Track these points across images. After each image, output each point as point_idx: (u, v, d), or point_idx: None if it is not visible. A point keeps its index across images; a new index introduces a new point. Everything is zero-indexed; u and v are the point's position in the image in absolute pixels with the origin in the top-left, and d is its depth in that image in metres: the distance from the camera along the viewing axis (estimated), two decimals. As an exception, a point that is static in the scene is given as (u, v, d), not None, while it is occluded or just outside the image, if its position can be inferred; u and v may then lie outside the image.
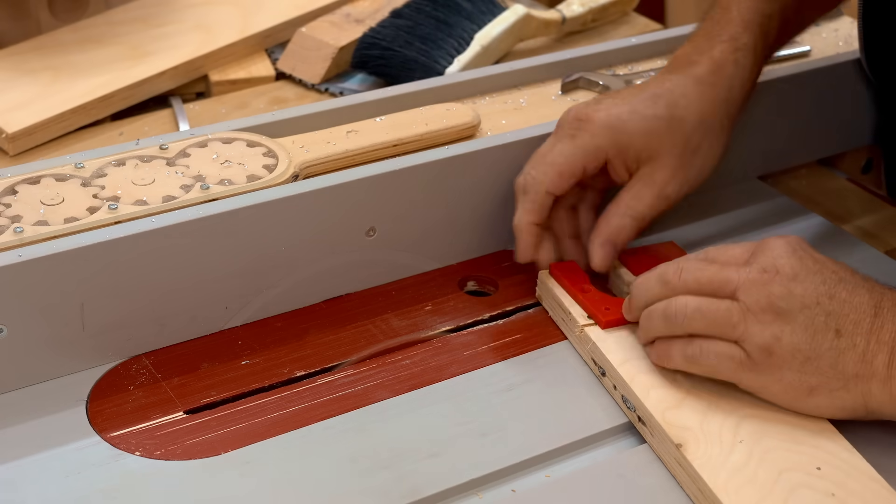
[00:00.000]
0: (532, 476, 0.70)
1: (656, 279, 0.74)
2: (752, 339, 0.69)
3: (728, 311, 0.69)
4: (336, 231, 0.81)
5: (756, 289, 0.69)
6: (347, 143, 0.84)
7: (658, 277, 0.74)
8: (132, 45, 1.06)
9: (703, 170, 0.82)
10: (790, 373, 0.69)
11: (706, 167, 0.82)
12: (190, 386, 0.75)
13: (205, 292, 0.78)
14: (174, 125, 1.01)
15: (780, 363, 0.69)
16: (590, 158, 0.80)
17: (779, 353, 0.69)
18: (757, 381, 0.70)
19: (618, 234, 0.80)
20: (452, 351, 0.79)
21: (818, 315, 0.69)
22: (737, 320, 0.69)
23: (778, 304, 0.69)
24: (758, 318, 0.69)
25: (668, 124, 0.80)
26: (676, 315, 0.71)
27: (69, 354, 0.75)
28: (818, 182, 1.02)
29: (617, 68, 0.99)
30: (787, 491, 0.66)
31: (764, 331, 0.68)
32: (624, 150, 0.80)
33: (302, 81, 1.08)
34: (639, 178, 0.81)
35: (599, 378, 0.76)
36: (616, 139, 0.80)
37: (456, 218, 0.86)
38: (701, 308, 0.70)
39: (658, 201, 0.81)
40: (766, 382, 0.70)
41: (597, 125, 0.80)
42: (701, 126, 0.81)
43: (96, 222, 0.75)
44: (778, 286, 0.69)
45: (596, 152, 0.80)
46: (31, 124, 0.95)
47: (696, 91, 0.81)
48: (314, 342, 0.80)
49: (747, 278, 0.69)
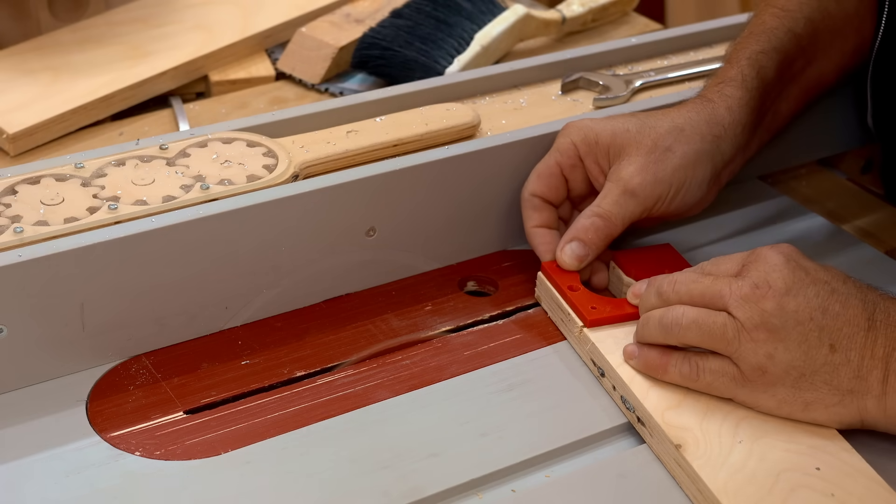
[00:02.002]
0: (532, 476, 0.70)
1: (653, 292, 0.74)
2: (745, 358, 0.69)
3: (723, 326, 0.69)
4: (336, 231, 0.81)
5: (749, 305, 0.69)
6: (347, 143, 0.84)
7: (655, 290, 0.74)
8: (132, 45, 1.06)
9: (683, 174, 0.81)
10: (784, 389, 0.69)
11: (686, 173, 0.81)
12: (190, 386, 0.75)
13: (205, 292, 0.78)
14: (174, 125, 1.01)
15: (774, 380, 0.69)
16: (564, 156, 0.83)
17: (773, 370, 0.69)
18: (751, 398, 0.70)
19: (585, 231, 0.81)
20: (452, 351, 0.79)
21: (812, 331, 0.68)
22: (731, 336, 0.69)
23: (771, 322, 0.68)
24: (751, 335, 0.69)
25: (639, 127, 0.82)
26: (672, 325, 0.71)
27: (69, 354, 0.75)
28: (818, 182, 1.02)
29: (617, 68, 0.99)
30: (786, 491, 0.66)
31: (758, 349, 0.69)
32: (593, 146, 0.82)
33: (302, 81, 1.08)
34: (608, 177, 0.82)
35: (598, 378, 0.76)
36: (585, 135, 0.82)
37: (456, 218, 0.86)
38: (697, 320, 0.70)
39: (623, 197, 0.80)
40: (761, 399, 0.70)
41: (570, 127, 0.83)
42: (674, 130, 0.82)
43: (96, 222, 0.75)
44: (770, 302, 0.69)
45: (567, 149, 0.82)
46: (31, 125, 0.95)
47: (673, 110, 0.84)
48: (314, 342, 0.80)
49: (739, 294, 0.69)
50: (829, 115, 1.00)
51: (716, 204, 0.94)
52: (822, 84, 0.91)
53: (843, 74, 0.93)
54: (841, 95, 1.00)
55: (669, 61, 1.00)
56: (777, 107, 0.88)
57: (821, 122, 1.00)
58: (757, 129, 0.86)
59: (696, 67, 0.98)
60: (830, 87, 0.93)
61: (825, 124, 1.01)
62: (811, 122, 0.99)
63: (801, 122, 0.98)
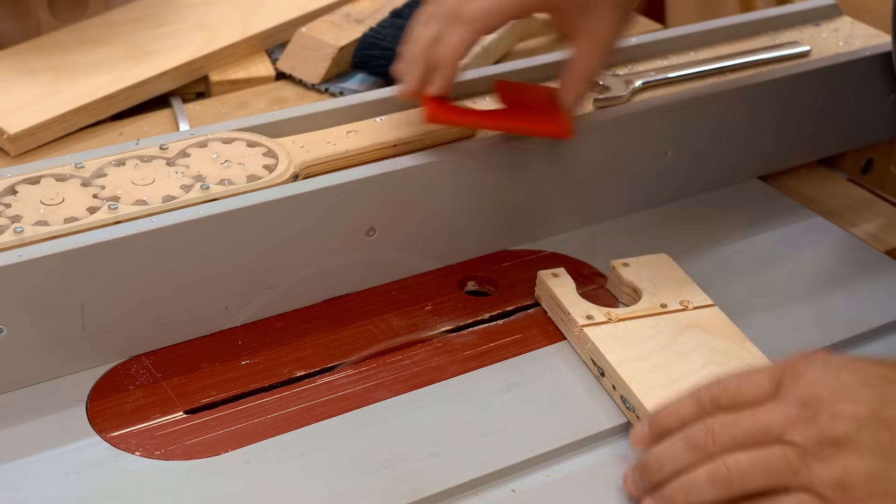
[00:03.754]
0: (532, 476, 0.70)
1: (683, 445, 0.65)
2: (821, 481, 0.61)
3: (785, 457, 0.62)
4: (336, 231, 0.81)
5: (804, 426, 0.62)
6: (347, 143, 0.84)
7: (686, 443, 0.65)
8: (133, 45, 1.06)
9: None
10: (875, 499, 0.61)
11: None
12: (190, 386, 0.75)
13: (205, 292, 0.78)
14: (174, 125, 1.01)
15: (860, 495, 0.61)
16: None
17: (855, 483, 0.61)
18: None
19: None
20: (452, 351, 0.79)
21: (879, 429, 0.61)
22: (798, 465, 0.62)
23: (833, 434, 0.61)
24: (817, 455, 0.61)
25: None
26: (731, 478, 0.63)
27: (69, 354, 0.75)
28: (818, 182, 1.02)
29: (617, 68, 0.99)
30: None
31: (831, 467, 0.61)
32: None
33: (302, 81, 1.08)
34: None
35: (598, 378, 0.76)
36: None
37: (456, 218, 0.86)
38: (755, 463, 0.62)
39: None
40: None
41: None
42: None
43: (96, 222, 0.75)
44: (826, 416, 0.62)
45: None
46: (32, 125, 0.95)
47: None
48: (314, 342, 0.80)
49: (789, 419, 0.62)
50: (830, 115, 1.00)
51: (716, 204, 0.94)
52: None
53: None
54: (841, 95, 1.00)
55: (669, 61, 1.00)
56: None
57: (821, 122, 1.00)
58: None
59: (696, 67, 0.98)
60: None
61: (825, 124, 1.01)
62: (811, 122, 0.99)
63: (801, 122, 0.98)
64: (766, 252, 0.90)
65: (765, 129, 0.97)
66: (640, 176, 0.93)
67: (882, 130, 1.05)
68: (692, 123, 0.93)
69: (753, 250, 0.91)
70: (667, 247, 0.88)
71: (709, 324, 0.79)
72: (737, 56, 1.00)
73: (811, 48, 1.03)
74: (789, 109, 0.98)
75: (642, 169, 0.93)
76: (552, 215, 0.90)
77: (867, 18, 1.10)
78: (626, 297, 0.83)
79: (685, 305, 0.80)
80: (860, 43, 1.04)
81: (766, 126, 0.97)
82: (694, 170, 0.95)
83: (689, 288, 0.82)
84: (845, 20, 1.09)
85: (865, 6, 1.19)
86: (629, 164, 0.92)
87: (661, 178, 0.94)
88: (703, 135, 0.94)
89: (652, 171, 0.93)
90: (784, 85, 0.96)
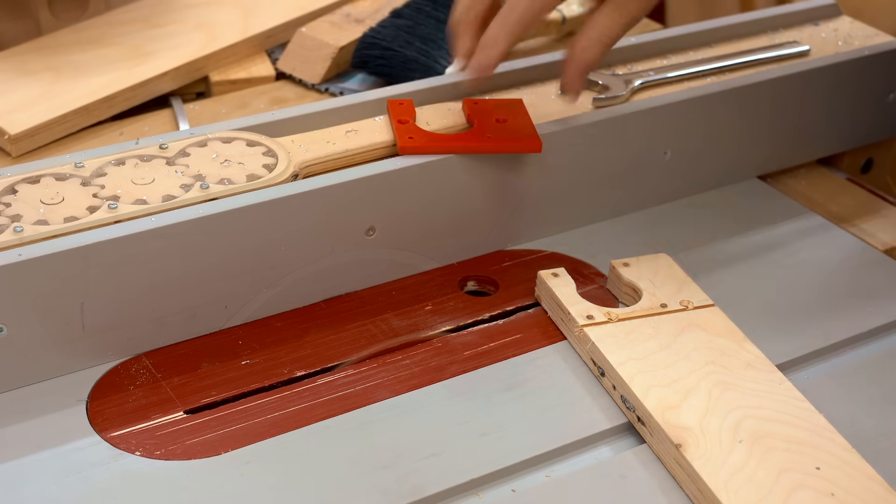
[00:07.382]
0: (532, 476, 0.70)
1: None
2: None
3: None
4: (336, 231, 0.81)
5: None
6: (347, 143, 0.84)
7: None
8: (133, 45, 1.06)
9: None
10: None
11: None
12: (190, 386, 0.75)
13: (205, 292, 0.78)
14: (174, 125, 1.01)
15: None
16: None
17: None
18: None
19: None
20: (452, 351, 0.79)
21: None
22: None
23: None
24: None
25: None
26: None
27: (69, 354, 0.75)
28: (818, 182, 1.02)
29: (617, 68, 0.99)
30: (786, 491, 0.66)
31: None
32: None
33: (302, 81, 1.08)
34: None
35: (599, 378, 0.76)
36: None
37: (456, 218, 0.86)
38: None
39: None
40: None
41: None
42: None
43: (96, 222, 0.75)
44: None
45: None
46: (33, 126, 0.95)
47: None
48: (314, 342, 0.80)
49: None
50: (830, 115, 1.00)
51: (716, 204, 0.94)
52: None
53: None
54: (841, 95, 1.00)
55: (669, 61, 1.00)
56: None
57: (820, 121, 1.00)
58: None
59: (696, 67, 0.98)
60: None
61: (825, 124, 1.01)
62: (811, 122, 0.99)
63: (800, 122, 0.98)
64: (766, 252, 0.91)
65: (764, 128, 0.97)
66: (640, 175, 0.93)
67: (882, 130, 1.05)
68: (691, 123, 0.93)
69: (753, 250, 0.91)
70: (666, 247, 0.88)
71: (709, 324, 0.79)
72: (736, 56, 1.00)
73: (811, 48, 1.03)
74: (789, 109, 0.98)
75: (642, 168, 0.93)
76: (552, 215, 0.90)
77: (867, 18, 1.10)
78: (626, 297, 0.83)
79: (685, 305, 0.80)
80: (860, 42, 1.04)
81: (766, 126, 0.97)
82: (693, 169, 0.96)
83: (689, 288, 0.82)
84: (845, 20, 1.09)
85: (865, 6, 1.19)
86: (628, 163, 0.92)
87: (661, 178, 0.94)
88: (703, 134, 0.94)
89: (651, 171, 0.93)
90: (783, 85, 0.96)
